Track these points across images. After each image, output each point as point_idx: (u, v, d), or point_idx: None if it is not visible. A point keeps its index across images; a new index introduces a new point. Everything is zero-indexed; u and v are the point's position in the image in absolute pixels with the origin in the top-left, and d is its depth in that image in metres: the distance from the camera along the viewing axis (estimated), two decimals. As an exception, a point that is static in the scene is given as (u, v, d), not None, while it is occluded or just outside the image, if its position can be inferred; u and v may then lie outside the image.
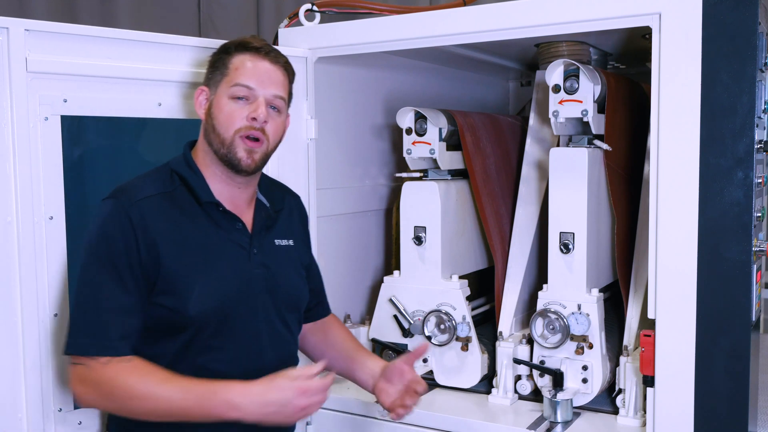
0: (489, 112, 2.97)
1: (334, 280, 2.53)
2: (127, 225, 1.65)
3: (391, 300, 2.39)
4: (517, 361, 2.22)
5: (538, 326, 2.16)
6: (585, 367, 2.13)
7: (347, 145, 2.60)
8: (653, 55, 1.84)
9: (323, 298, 2.10)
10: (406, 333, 2.35)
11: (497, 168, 2.54)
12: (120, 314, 1.64)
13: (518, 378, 2.25)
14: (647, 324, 1.92)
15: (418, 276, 2.37)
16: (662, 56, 1.82)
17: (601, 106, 2.18)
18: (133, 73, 1.98)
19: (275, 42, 2.41)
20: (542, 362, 2.18)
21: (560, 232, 2.17)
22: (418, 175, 2.42)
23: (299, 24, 2.40)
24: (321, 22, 2.39)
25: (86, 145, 2.04)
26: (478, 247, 2.58)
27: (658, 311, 1.86)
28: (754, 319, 1.81)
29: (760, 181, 1.85)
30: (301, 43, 2.35)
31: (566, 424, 2.08)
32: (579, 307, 2.13)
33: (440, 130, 2.38)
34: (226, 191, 1.79)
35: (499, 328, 2.32)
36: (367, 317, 2.57)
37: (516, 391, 2.25)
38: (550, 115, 2.15)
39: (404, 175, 2.43)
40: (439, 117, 2.40)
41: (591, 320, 2.12)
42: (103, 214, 1.69)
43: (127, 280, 1.65)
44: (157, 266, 1.67)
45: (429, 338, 2.30)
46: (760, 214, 1.85)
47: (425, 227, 2.36)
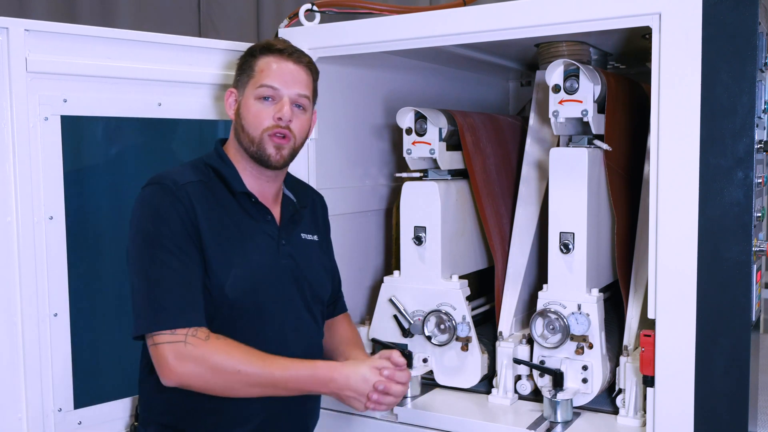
0: (489, 112, 2.96)
1: (334, 280, 2.53)
2: (178, 204, 1.73)
3: (391, 300, 2.39)
4: (517, 361, 2.22)
5: (538, 326, 2.16)
6: (585, 367, 2.13)
7: (347, 145, 2.60)
8: (653, 55, 1.84)
9: (341, 296, 2.20)
10: (406, 333, 2.35)
11: (497, 168, 2.54)
12: (197, 287, 1.72)
13: (518, 378, 2.25)
14: (647, 324, 1.92)
15: (418, 276, 2.37)
16: (662, 56, 1.82)
17: (601, 106, 2.17)
18: (133, 73, 1.99)
19: (275, 42, 2.41)
20: (542, 362, 2.18)
21: (560, 232, 2.17)
22: (418, 175, 2.42)
23: (299, 24, 2.40)
24: (321, 22, 2.39)
25: (86, 144, 2.04)
26: (478, 247, 2.58)
27: (658, 311, 1.86)
28: (754, 319, 1.81)
29: (760, 181, 1.85)
30: (301, 43, 2.34)
31: (566, 424, 2.08)
32: (579, 307, 2.13)
33: (440, 130, 2.38)
34: (256, 185, 1.89)
35: (499, 328, 2.32)
36: (367, 317, 2.57)
37: (516, 391, 2.25)
38: (550, 115, 2.15)
39: (404, 175, 2.43)
40: (439, 117, 2.40)
41: (591, 320, 2.12)
42: (152, 197, 1.75)
43: (193, 254, 1.72)
44: (203, 247, 1.74)
45: (429, 338, 2.30)
46: (760, 214, 1.85)
47: (425, 227, 2.36)
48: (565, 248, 2.15)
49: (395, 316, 2.38)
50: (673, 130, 1.82)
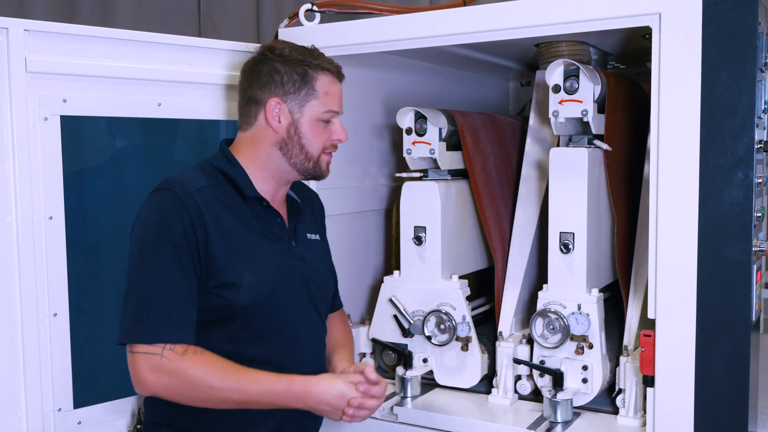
0: (489, 112, 2.96)
1: (334, 280, 2.53)
2: (185, 215, 1.70)
3: (391, 300, 2.39)
4: (517, 361, 2.21)
5: (538, 326, 2.16)
6: (585, 367, 2.13)
7: (347, 145, 2.58)
8: (653, 55, 1.84)
9: (337, 293, 2.19)
10: (406, 333, 2.35)
11: (497, 168, 2.54)
12: (187, 303, 1.70)
13: (518, 378, 2.25)
14: (647, 324, 1.92)
15: (418, 276, 2.37)
16: (662, 56, 1.82)
17: (601, 106, 2.17)
18: (133, 73, 1.98)
19: (275, 42, 2.41)
20: (542, 362, 2.18)
21: (560, 232, 2.17)
22: (418, 175, 2.42)
23: (299, 24, 2.40)
24: (321, 22, 2.39)
25: (86, 144, 2.04)
26: (478, 247, 2.58)
27: (658, 311, 1.86)
28: (754, 319, 1.81)
29: (760, 181, 1.85)
30: (301, 43, 2.34)
31: (566, 424, 2.08)
32: (579, 307, 2.13)
33: (440, 130, 2.38)
34: (269, 189, 1.88)
35: (499, 328, 2.32)
36: (367, 317, 2.57)
37: (516, 391, 2.25)
38: (550, 115, 2.15)
39: (404, 175, 2.43)
40: (439, 117, 2.40)
41: (591, 320, 2.12)
42: (159, 205, 1.73)
43: (189, 270, 1.69)
44: (211, 256, 1.72)
45: (429, 338, 2.30)
46: (760, 214, 1.85)
47: (425, 227, 2.36)
48: (565, 248, 2.15)
49: (395, 316, 2.38)
50: (673, 130, 1.82)
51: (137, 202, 1.78)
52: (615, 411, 2.12)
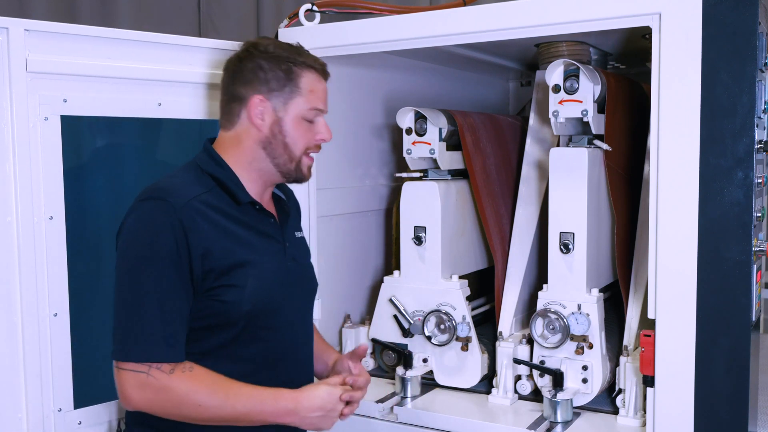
0: (489, 112, 2.96)
1: (334, 280, 2.53)
2: (177, 226, 1.64)
3: (391, 300, 2.39)
4: (517, 361, 2.22)
5: (538, 326, 2.16)
6: (585, 367, 2.13)
7: (347, 145, 2.60)
8: (653, 55, 1.84)
9: None
10: (406, 333, 2.35)
11: (497, 168, 2.54)
12: (177, 319, 1.65)
13: (518, 378, 2.25)
14: (647, 324, 1.92)
15: (418, 276, 2.37)
16: (662, 56, 1.82)
17: (601, 106, 2.17)
18: (133, 73, 1.98)
19: (275, 42, 2.41)
20: (542, 362, 2.18)
21: (560, 232, 2.17)
22: (418, 175, 2.42)
23: (299, 24, 2.40)
24: (321, 22, 2.39)
25: (86, 144, 2.04)
26: (478, 247, 2.58)
27: (658, 311, 1.86)
28: (754, 319, 1.81)
29: (760, 181, 1.85)
30: (301, 43, 2.34)
31: (566, 424, 2.08)
32: (579, 307, 2.13)
33: (440, 130, 2.38)
34: (258, 191, 1.85)
35: (499, 328, 2.32)
36: (367, 317, 2.57)
37: (516, 391, 2.25)
38: (550, 115, 2.15)
39: (404, 175, 2.43)
40: (439, 117, 2.40)
41: (591, 320, 2.12)
42: (150, 216, 1.67)
43: (177, 283, 1.65)
44: (209, 265, 1.68)
45: (429, 338, 2.30)
46: (760, 214, 1.85)
47: (425, 227, 2.36)
48: (565, 248, 2.15)
49: (395, 316, 2.38)
50: (673, 130, 1.82)
51: (137, 203, 1.77)
52: (615, 411, 2.12)
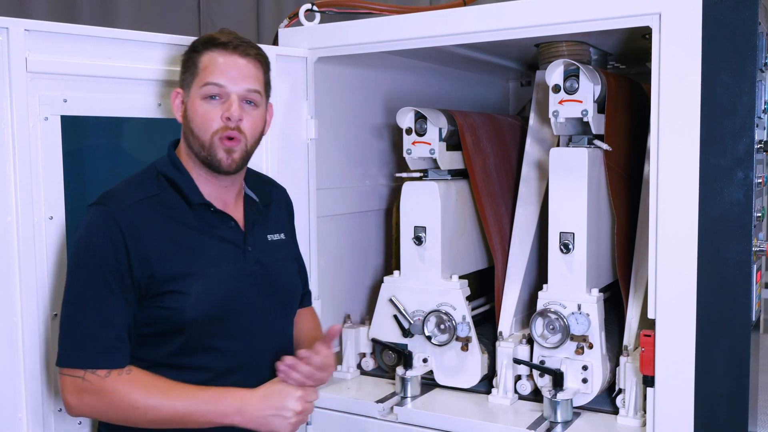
0: (489, 112, 2.96)
1: (334, 280, 2.53)
2: (116, 232, 1.63)
3: (391, 300, 2.39)
4: (517, 361, 2.21)
5: (538, 326, 2.16)
6: (585, 367, 2.13)
7: (347, 145, 2.60)
8: (653, 55, 1.84)
9: (308, 292, 2.12)
10: (406, 333, 2.35)
11: (497, 168, 2.54)
12: (116, 325, 1.63)
13: (518, 378, 2.25)
14: (647, 324, 1.92)
15: (418, 276, 2.37)
16: (662, 56, 1.82)
17: (601, 106, 2.18)
18: (133, 73, 1.98)
19: (275, 42, 2.42)
20: (542, 362, 2.18)
21: (560, 232, 2.17)
22: (418, 175, 2.42)
23: (299, 24, 2.40)
24: (321, 22, 2.40)
25: (86, 145, 2.04)
26: (478, 247, 2.58)
27: (658, 311, 1.86)
28: (754, 319, 1.81)
29: (760, 181, 1.85)
30: (301, 43, 2.35)
31: (566, 424, 2.08)
32: (579, 307, 2.13)
33: (440, 130, 2.38)
34: (214, 191, 1.78)
35: (499, 328, 2.32)
36: (367, 317, 2.57)
37: (516, 391, 2.25)
38: (550, 115, 2.15)
39: (404, 175, 2.43)
40: (439, 117, 2.40)
41: (591, 320, 2.12)
42: (91, 222, 1.66)
43: (117, 290, 1.62)
44: (151, 271, 1.64)
45: (429, 338, 2.30)
46: (760, 214, 1.85)
47: (425, 227, 2.36)
48: (565, 248, 2.15)
49: (395, 316, 2.38)
50: (673, 130, 1.82)
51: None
52: (615, 411, 2.12)
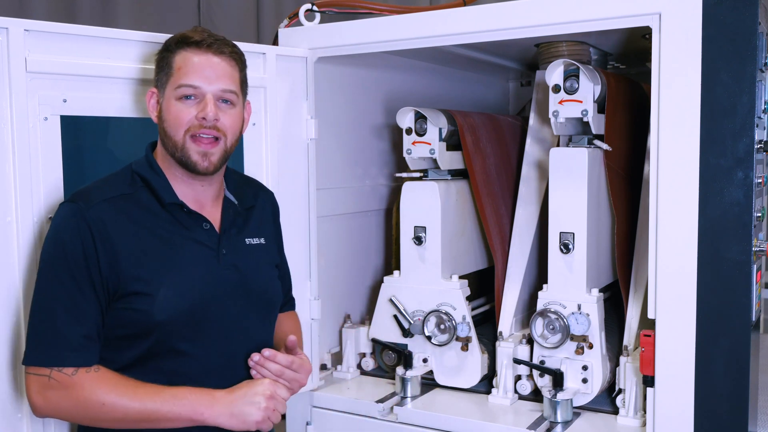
0: (489, 112, 2.97)
1: (334, 280, 2.53)
2: (84, 229, 1.61)
3: (391, 300, 2.39)
4: (517, 361, 2.22)
5: (538, 326, 2.16)
6: (585, 367, 2.13)
7: (347, 145, 2.60)
8: (653, 55, 1.84)
9: (291, 298, 2.08)
10: (406, 333, 2.35)
11: (497, 168, 2.54)
12: (84, 324, 1.61)
13: (518, 378, 2.25)
14: (647, 324, 1.92)
15: (418, 276, 2.37)
16: (662, 56, 1.82)
17: (601, 106, 2.18)
18: (133, 73, 1.98)
19: (275, 42, 2.42)
20: (542, 362, 2.18)
21: (560, 232, 2.17)
22: (418, 175, 2.42)
23: (299, 24, 2.40)
24: (321, 22, 2.39)
25: (86, 144, 2.04)
26: (478, 247, 2.58)
27: (658, 311, 1.86)
28: (754, 319, 1.81)
29: (760, 181, 1.85)
30: (301, 43, 2.35)
31: (566, 424, 2.08)
32: (579, 307, 2.13)
33: (440, 130, 2.38)
34: (190, 191, 1.75)
35: (499, 328, 2.32)
36: (367, 317, 2.57)
37: (516, 391, 2.25)
38: (550, 115, 2.15)
39: (404, 175, 2.43)
40: (439, 117, 2.40)
41: (591, 320, 2.12)
42: (61, 219, 1.65)
43: (86, 287, 1.60)
44: (118, 271, 1.62)
45: (429, 338, 2.30)
46: (760, 214, 1.85)
47: (425, 227, 2.36)
48: (565, 248, 2.15)
49: (395, 316, 2.38)
50: (673, 130, 1.82)
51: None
52: (615, 411, 2.12)
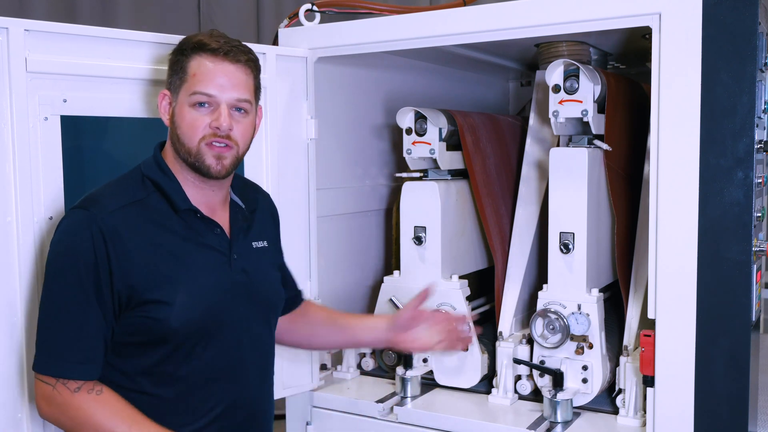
0: (489, 112, 2.96)
1: (334, 280, 2.53)
2: (98, 238, 1.58)
3: (391, 300, 2.39)
4: (517, 361, 2.22)
5: (538, 326, 2.16)
6: (585, 367, 2.13)
7: (347, 145, 2.60)
8: (653, 55, 1.84)
9: (298, 289, 2.07)
10: (406, 333, 2.35)
11: (497, 168, 2.54)
12: (92, 336, 1.60)
13: (518, 378, 2.25)
14: (647, 324, 1.92)
15: (418, 276, 2.37)
16: (662, 56, 1.82)
17: (601, 106, 2.18)
18: (133, 73, 1.98)
19: (275, 42, 2.42)
20: (542, 362, 2.18)
21: (560, 232, 2.17)
22: (418, 175, 2.42)
23: (299, 24, 2.40)
24: (321, 22, 2.39)
25: (86, 144, 2.04)
26: (478, 247, 2.58)
27: (658, 311, 1.86)
28: (754, 319, 1.81)
29: (760, 181, 1.85)
30: (301, 43, 2.35)
31: (566, 424, 2.08)
32: (579, 307, 2.13)
33: (440, 130, 2.38)
34: (201, 196, 1.73)
35: (499, 328, 2.32)
36: (367, 317, 2.57)
37: (516, 391, 2.25)
38: (550, 115, 2.15)
39: (404, 175, 2.43)
40: (439, 117, 2.40)
41: (591, 320, 2.12)
42: (72, 226, 1.62)
43: (96, 298, 1.59)
44: (133, 281, 1.60)
45: (429, 338, 2.30)
46: (760, 214, 1.85)
47: (425, 227, 2.36)
48: (565, 248, 2.15)
49: (395, 316, 2.38)
50: (673, 130, 1.82)
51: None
52: (615, 411, 2.12)
